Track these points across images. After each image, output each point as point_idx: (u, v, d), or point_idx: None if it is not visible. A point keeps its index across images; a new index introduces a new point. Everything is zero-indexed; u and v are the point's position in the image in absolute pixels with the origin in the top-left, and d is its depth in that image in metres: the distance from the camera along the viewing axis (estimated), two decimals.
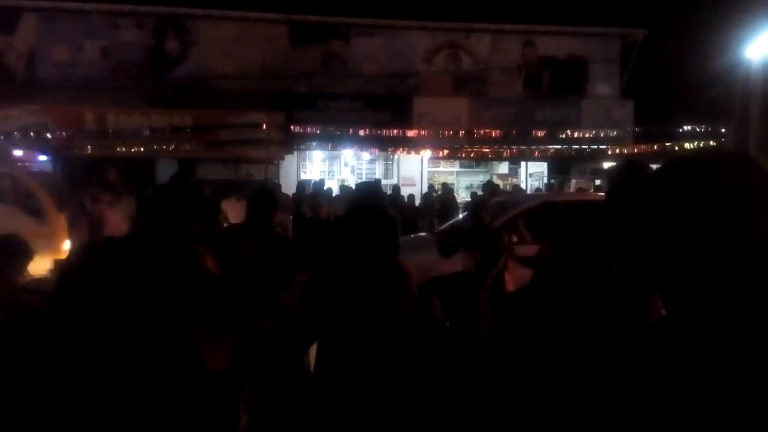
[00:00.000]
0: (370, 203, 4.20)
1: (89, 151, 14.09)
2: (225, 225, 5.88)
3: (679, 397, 0.89)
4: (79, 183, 7.76)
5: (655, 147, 16.08)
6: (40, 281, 4.08)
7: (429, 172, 17.72)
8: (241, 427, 3.75)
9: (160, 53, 16.24)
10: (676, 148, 15.85)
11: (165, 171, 13.80)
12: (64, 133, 14.09)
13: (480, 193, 11.77)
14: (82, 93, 14.90)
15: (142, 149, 14.33)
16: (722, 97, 15.47)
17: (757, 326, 0.88)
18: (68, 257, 2.18)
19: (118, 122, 14.44)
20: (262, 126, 14.73)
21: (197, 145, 14.83)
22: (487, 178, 16.35)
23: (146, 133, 14.38)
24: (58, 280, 2.03)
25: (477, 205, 5.11)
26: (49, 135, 14.01)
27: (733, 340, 0.89)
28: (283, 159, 15.82)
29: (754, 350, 0.87)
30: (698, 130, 16.82)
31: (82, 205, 6.06)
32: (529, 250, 5.05)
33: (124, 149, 14.15)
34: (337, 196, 13.18)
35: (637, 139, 17.01)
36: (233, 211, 8.16)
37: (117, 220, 5.91)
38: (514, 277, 4.97)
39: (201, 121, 14.81)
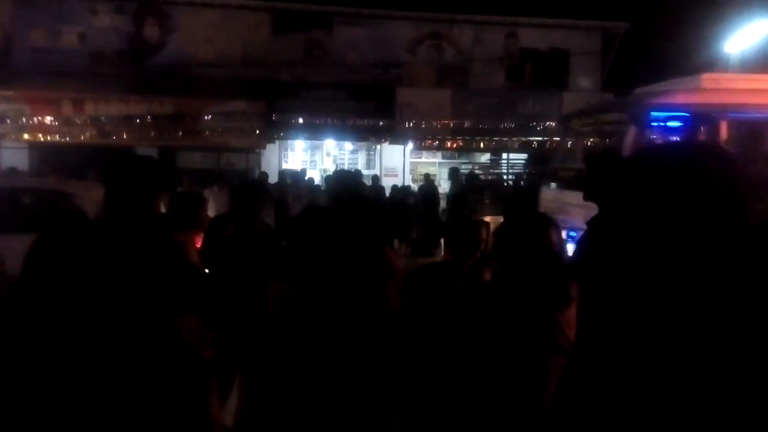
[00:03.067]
0: (349, 191, 4.21)
1: (67, 139, 13.88)
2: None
3: (658, 385, 0.91)
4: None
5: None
6: None
7: (411, 162, 17.72)
8: (232, 411, 3.77)
9: (139, 39, 16.00)
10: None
11: None
12: (40, 119, 13.85)
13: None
14: (59, 79, 14.63)
15: (122, 137, 14.14)
16: None
17: (729, 313, 0.91)
18: (33, 243, 2.14)
19: (96, 109, 14.21)
20: (243, 114, 14.61)
21: (177, 133, 14.66)
22: (468, 168, 16.41)
23: (126, 120, 14.18)
24: (25, 266, 2.01)
25: (456, 196, 5.14)
26: (25, 122, 13.76)
27: (708, 327, 0.91)
28: (265, 148, 15.72)
29: (728, 336, 0.89)
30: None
31: None
32: None
33: (102, 137, 13.95)
34: (318, 186, 13.16)
35: None
36: (215, 200, 8.12)
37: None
38: (491, 268, 5.01)
39: (181, 109, 14.63)
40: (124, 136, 14.13)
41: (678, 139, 8.04)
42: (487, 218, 5.47)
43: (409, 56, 17.29)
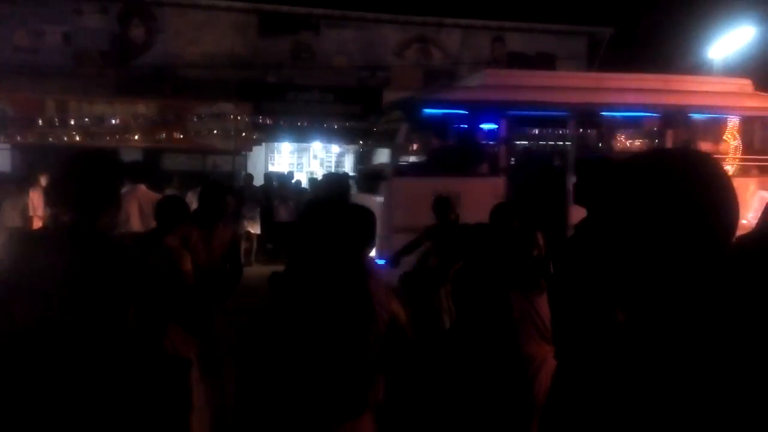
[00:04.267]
0: (336, 194, 4.20)
1: (50, 140, 13.71)
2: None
3: (640, 395, 0.91)
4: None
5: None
6: None
7: None
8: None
9: (124, 40, 15.88)
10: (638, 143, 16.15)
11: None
12: (22, 120, 13.67)
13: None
14: (43, 80, 14.46)
15: (107, 138, 13.99)
16: None
17: (693, 320, 0.91)
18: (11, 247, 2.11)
19: (80, 111, 14.06)
20: (229, 116, 14.54)
21: (162, 135, 14.54)
22: None
23: (110, 122, 14.05)
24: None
25: (441, 201, 5.14)
26: (7, 123, 13.59)
27: (690, 334, 0.92)
28: (251, 150, 15.64)
29: (690, 342, 0.90)
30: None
31: None
32: None
33: (86, 139, 13.80)
34: (305, 188, 13.12)
35: None
36: None
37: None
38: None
39: (166, 111, 14.52)
40: (108, 138, 13.98)
41: (456, 135, 8.18)
42: None
43: (396, 59, 17.32)
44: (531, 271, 3.21)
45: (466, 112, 7.89)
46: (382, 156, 8.83)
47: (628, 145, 9.31)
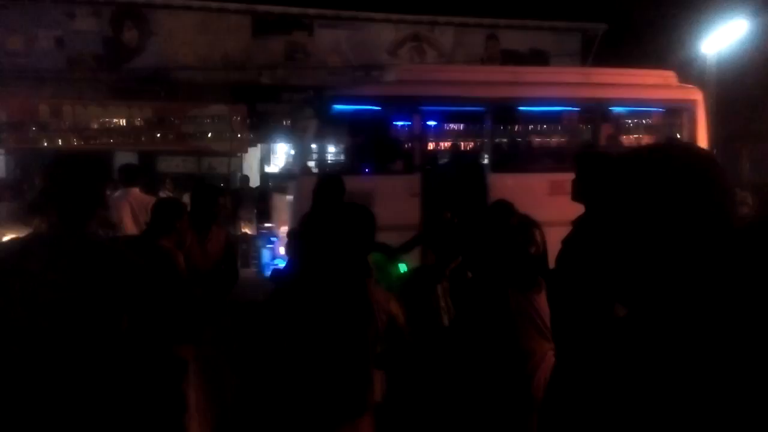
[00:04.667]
0: (332, 196, 4.20)
1: (45, 144, 13.66)
2: None
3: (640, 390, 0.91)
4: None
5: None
6: None
7: None
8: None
9: (118, 44, 15.82)
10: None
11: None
12: (16, 125, 13.62)
13: None
14: (36, 84, 14.41)
15: (101, 142, 13.95)
16: None
17: (687, 313, 0.91)
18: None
19: (74, 115, 14.01)
20: (224, 118, 14.51)
21: (157, 137, 14.50)
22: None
23: (105, 125, 14.00)
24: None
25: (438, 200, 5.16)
26: (1, 128, 13.53)
27: (666, 325, 0.92)
28: (246, 152, 15.62)
29: (683, 334, 0.90)
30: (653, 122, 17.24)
31: None
32: None
33: (81, 142, 13.76)
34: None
35: None
36: None
37: None
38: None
39: (161, 114, 14.48)
40: (103, 142, 13.94)
41: (368, 132, 7.82)
42: None
43: (390, 58, 17.29)
44: (528, 269, 3.20)
45: (379, 108, 7.62)
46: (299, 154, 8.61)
47: (547, 139, 9.07)
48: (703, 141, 8.23)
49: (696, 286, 0.94)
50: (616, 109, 8.54)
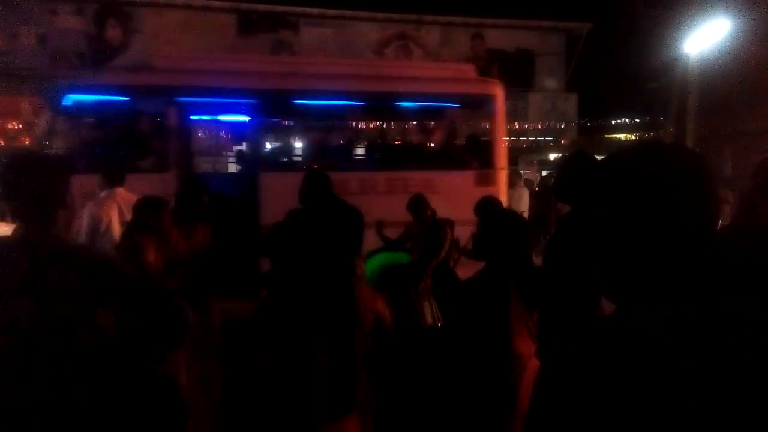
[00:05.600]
0: (319, 193, 4.16)
1: (27, 143, 13.49)
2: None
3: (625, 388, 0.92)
4: None
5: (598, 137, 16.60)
6: None
7: None
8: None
9: (101, 41, 15.67)
10: (619, 138, 16.38)
11: None
12: None
13: None
14: (19, 82, 14.22)
15: None
16: (662, 90, 16.03)
17: (671, 309, 0.93)
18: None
19: None
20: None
21: None
22: None
23: None
24: None
25: (417, 199, 5.17)
26: None
27: (650, 321, 0.93)
28: (233, 151, 15.54)
29: (667, 330, 0.91)
30: (637, 121, 17.42)
31: None
32: None
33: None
34: None
35: (582, 131, 17.48)
36: None
37: None
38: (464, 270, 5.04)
39: None
40: None
41: (112, 125, 6.82)
42: None
43: (376, 57, 17.29)
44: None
45: (127, 99, 6.68)
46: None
47: (326, 135, 8.14)
48: (501, 137, 7.85)
49: (684, 282, 0.96)
50: (406, 104, 7.77)
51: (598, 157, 1.77)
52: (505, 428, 2.69)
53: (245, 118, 8.01)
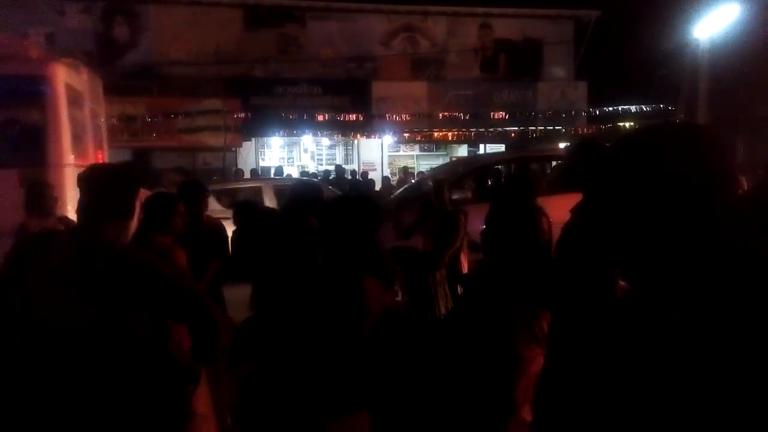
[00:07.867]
0: (306, 205, 4.05)
1: None
2: None
3: (635, 362, 0.92)
4: None
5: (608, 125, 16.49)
6: None
7: (389, 156, 17.72)
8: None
9: (109, 40, 15.73)
10: (628, 126, 16.24)
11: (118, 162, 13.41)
12: None
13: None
14: None
15: None
16: (672, 76, 15.87)
17: (690, 293, 0.92)
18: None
19: None
20: (217, 113, 14.46)
21: (151, 134, 14.45)
22: (446, 161, 16.46)
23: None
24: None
25: (436, 187, 5.16)
26: None
27: (670, 305, 0.93)
28: (241, 146, 15.59)
29: (688, 314, 0.91)
30: (647, 109, 17.27)
31: None
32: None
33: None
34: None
35: (591, 119, 17.36)
36: None
37: None
38: (469, 258, 5.03)
39: (154, 109, 14.44)
40: None
41: None
42: None
43: (383, 49, 17.25)
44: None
45: None
46: None
47: None
48: (61, 126, 6.58)
49: (699, 264, 0.95)
50: None
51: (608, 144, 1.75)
52: (494, 425, 2.65)
53: None
